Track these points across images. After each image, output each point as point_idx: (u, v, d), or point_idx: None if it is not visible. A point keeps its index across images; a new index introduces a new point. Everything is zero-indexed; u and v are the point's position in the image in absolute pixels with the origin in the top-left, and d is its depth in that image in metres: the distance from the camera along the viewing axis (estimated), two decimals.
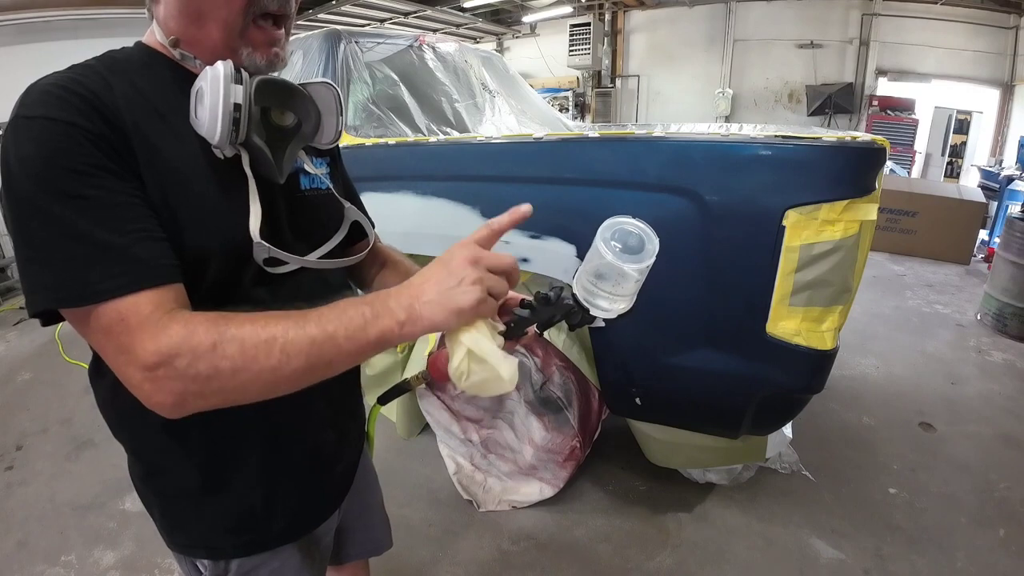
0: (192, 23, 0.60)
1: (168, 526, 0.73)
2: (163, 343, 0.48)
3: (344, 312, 0.53)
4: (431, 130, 2.14)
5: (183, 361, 0.48)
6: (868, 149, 1.19)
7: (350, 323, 0.52)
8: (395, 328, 0.53)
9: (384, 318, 0.53)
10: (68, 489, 2.07)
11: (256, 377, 0.50)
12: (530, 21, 8.58)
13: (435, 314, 0.53)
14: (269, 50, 0.63)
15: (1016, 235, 3.28)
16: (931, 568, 1.66)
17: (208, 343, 0.49)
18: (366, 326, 0.52)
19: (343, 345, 0.52)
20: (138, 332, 0.49)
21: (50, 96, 0.52)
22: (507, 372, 0.56)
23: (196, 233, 0.57)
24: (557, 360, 1.89)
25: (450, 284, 0.53)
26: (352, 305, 0.53)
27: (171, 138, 0.58)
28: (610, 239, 0.58)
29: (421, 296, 0.53)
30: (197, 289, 0.58)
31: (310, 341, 0.51)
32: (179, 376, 0.48)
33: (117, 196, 0.51)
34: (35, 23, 4.79)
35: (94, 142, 0.51)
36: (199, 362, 0.48)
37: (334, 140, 0.74)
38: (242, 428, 0.66)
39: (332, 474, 0.81)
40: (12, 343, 3.48)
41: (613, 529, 1.83)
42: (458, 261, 0.54)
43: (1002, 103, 6.51)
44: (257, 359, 0.50)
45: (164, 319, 0.49)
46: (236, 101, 0.57)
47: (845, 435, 2.32)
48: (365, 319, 0.52)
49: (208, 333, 0.49)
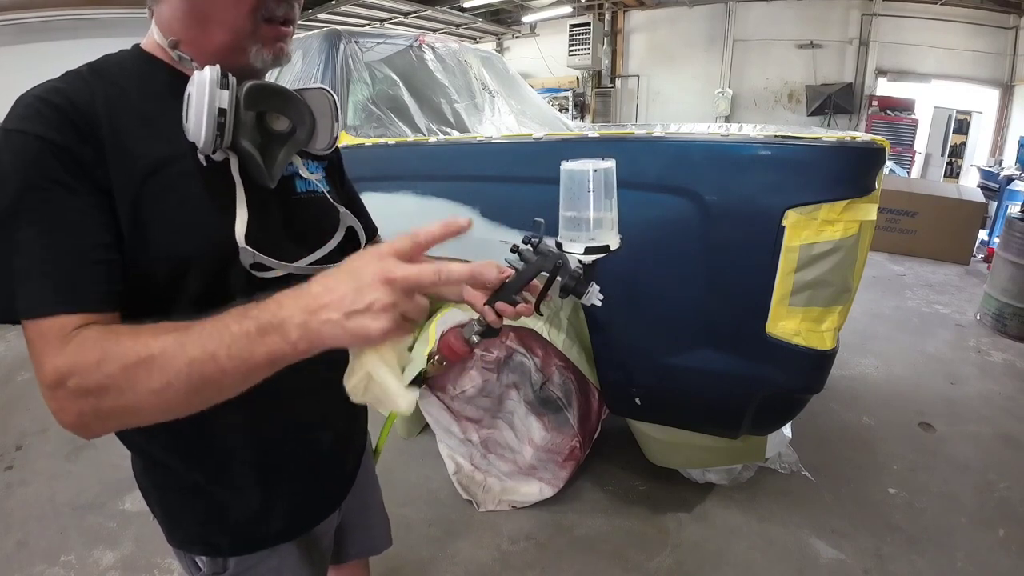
0: (196, 25, 0.60)
1: (167, 521, 0.73)
2: (59, 362, 0.48)
3: (227, 328, 0.46)
4: (431, 130, 2.13)
5: (73, 380, 0.47)
6: (868, 149, 1.19)
7: (233, 342, 0.46)
8: (287, 349, 0.46)
9: (272, 336, 0.45)
10: (68, 489, 2.07)
11: (144, 399, 0.47)
12: (530, 21, 8.58)
13: (336, 335, 0.45)
14: (275, 45, 0.63)
15: (1016, 235, 3.28)
16: (931, 568, 1.66)
17: (93, 360, 0.47)
18: (251, 345, 0.46)
19: (226, 367, 0.46)
20: (46, 350, 0.49)
21: (29, 109, 0.53)
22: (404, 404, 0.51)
23: (176, 238, 0.57)
24: (557, 360, 1.89)
25: (356, 305, 0.44)
26: (236, 319, 0.47)
27: (155, 143, 0.58)
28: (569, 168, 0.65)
29: (319, 313, 0.44)
30: (182, 296, 0.58)
31: (188, 361, 0.46)
32: (72, 395, 0.47)
33: (68, 214, 0.52)
34: (35, 23, 4.79)
35: (57, 156, 0.52)
36: (86, 380, 0.47)
37: (329, 145, 0.74)
38: (236, 429, 0.66)
39: (331, 475, 0.81)
40: (12, 343, 3.47)
41: (613, 529, 1.83)
42: (369, 277, 0.44)
43: (1002, 103, 6.51)
44: (139, 380, 0.46)
45: (68, 337, 0.49)
46: (221, 106, 0.57)
47: (845, 435, 2.32)
48: (250, 337, 0.46)
49: (93, 350, 0.48)
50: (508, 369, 1.97)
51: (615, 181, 0.66)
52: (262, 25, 0.61)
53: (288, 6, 0.62)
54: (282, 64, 0.66)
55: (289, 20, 0.64)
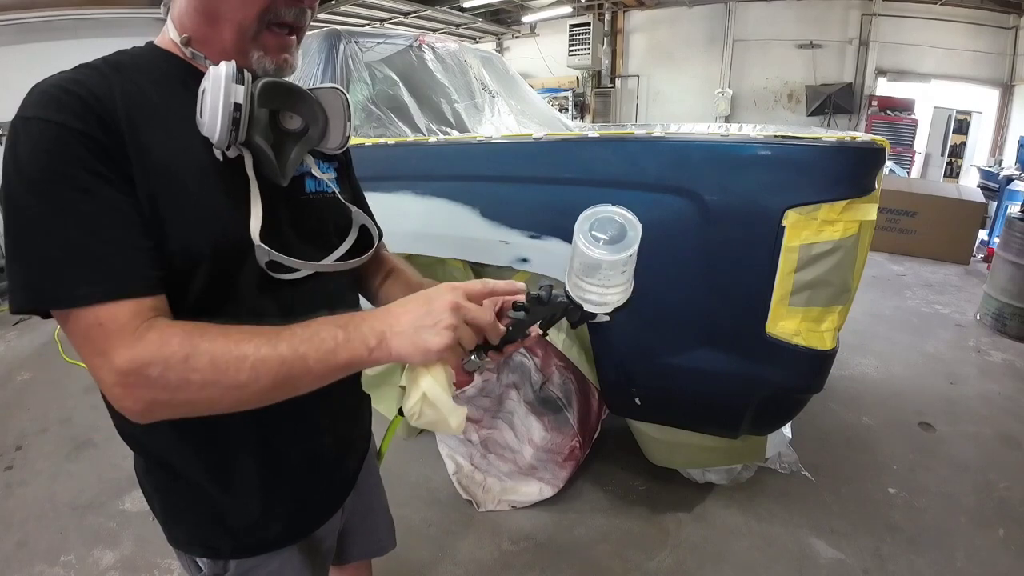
0: (206, 22, 0.60)
1: (168, 522, 0.73)
2: (138, 352, 0.49)
3: (317, 333, 0.53)
4: (431, 130, 2.13)
5: (155, 370, 0.49)
6: (868, 149, 1.19)
7: (321, 345, 0.53)
8: (364, 354, 0.54)
9: (355, 343, 0.54)
10: (68, 489, 2.07)
11: (224, 392, 0.51)
12: (530, 21, 8.58)
13: (403, 347, 0.54)
14: (279, 55, 0.63)
15: (1015, 235, 3.28)
16: (931, 568, 1.66)
17: (181, 355, 0.49)
18: (337, 349, 0.53)
19: (313, 367, 0.53)
20: (115, 338, 0.49)
21: (47, 97, 0.52)
22: (455, 421, 0.59)
23: (188, 233, 0.57)
24: (557, 360, 1.90)
25: (426, 322, 0.54)
26: (326, 326, 0.54)
27: (170, 138, 0.57)
28: (589, 230, 0.57)
29: (395, 326, 0.55)
30: (192, 292, 0.58)
31: (280, 361, 0.52)
32: (150, 384, 0.49)
33: (102, 201, 0.51)
34: (35, 23, 4.79)
35: (85, 144, 0.51)
36: (170, 373, 0.49)
37: (341, 145, 0.73)
38: (238, 433, 0.66)
39: (332, 479, 0.81)
40: (12, 343, 3.47)
41: (613, 529, 1.83)
42: (440, 303, 0.55)
43: (1002, 103, 6.51)
44: (227, 374, 0.50)
45: (141, 328, 0.50)
46: (236, 101, 0.56)
47: (845, 435, 2.32)
48: (337, 342, 0.53)
49: (182, 345, 0.50)
50: (508, 369, 1.97)
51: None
52: (266, 32, 0.61)
53: (299, 12, 0.62)
54: (286, 74, 0.65)
55: (298, 28, 0.64)
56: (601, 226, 0.57)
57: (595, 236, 0.56)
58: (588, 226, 0.57)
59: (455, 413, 0.59)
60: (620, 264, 0.56)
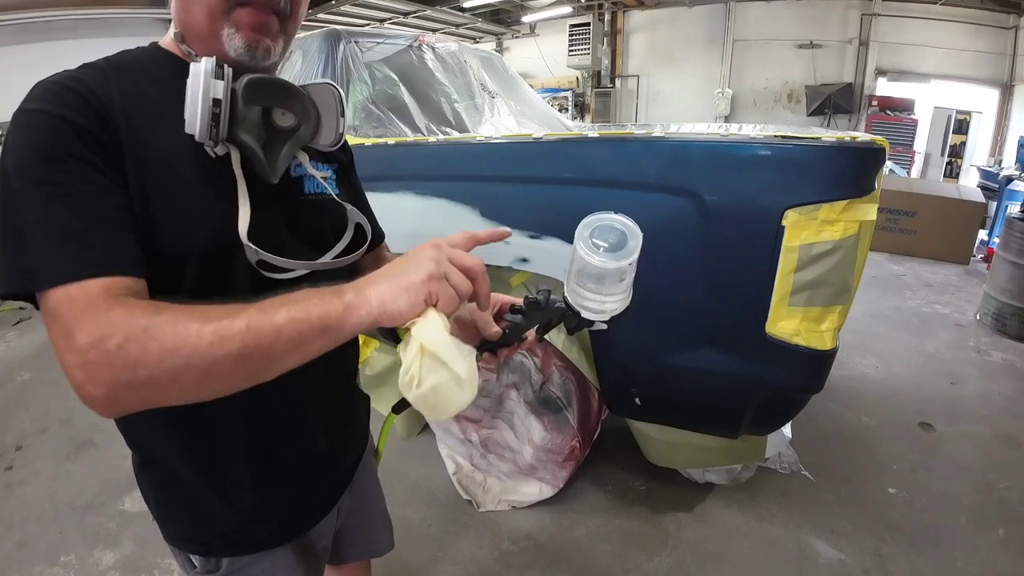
0: (184, 9, 0.61)
1: (162, 518, 0.73)
2: (100, 324, 0.46)
3: (288, 297, 0.50)
4: (431, 130, 2.14)
5: (113, 342, 0.45)
6: (868, 149, 1.19)
7: (293, 303, 0.49)
8: (339, 307, 0.50)
9: (327, 295, 0.51)
10: (68, 489, 2.07)
11: (187, 364, 0.46)
12: (530, 21, 8.58)
13: (383, 292, 0.50)
14: (250, 33, 0.61)
15: (1015, 235, 3.28)
16: (931, 568, 1.66)
17: (141, 325, 0.46)
18: (307, 306, 0.49)
19: (283, 327, 0.48)
20: (82, 314, 0.47)
21: (50, 92, 0.54)
22: (463, 368, 0.50)
23: (179, 229, 0.57)
24: (556, 360, 1.90)
25: (407, 266, 0.52)
26: (305, 294, 0.51)
27: (165, 135, 0.58)
28: (590, 237, 0.56)
29: (373, 278, 0.52)
30: (184, 289, 0.58)
31: (247, 322, 0.48)
32: (110, 361, 0.45)
33: (88, 185, 0.52)
34: (35, 23, 4.79)
35: (80, 136, 0.52)
36: (129, 344, 0.45)
37: (335, 142, 0.72)
38: (229, 430, 0.66)
39: (326, 478, 0.81)
40: (12, 343, 3.47)
41: (612, 529, 1.83)
42: (419, 250, 0.54)
43: (1001, 103, 6.51)
44: (188, 340, 0.46)
45: (110, 302, 0.48)
46: (216, 96, 0.56)
47: (845, 435, 2.32)
48: (309, 299, 0.50)
49: (144, 314, 0.47)
50: (508, 369, 1.97)
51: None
52: (238, 8, 0.60)
53: None
54: (260, 58, 0.63)
55: (279, 11, 0.62)
56: (602, 233, 0.56)
57: (595, 243, 0.55)
58: (588, 233, 0.56)
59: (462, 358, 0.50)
60: (620, 272, 0.56)
